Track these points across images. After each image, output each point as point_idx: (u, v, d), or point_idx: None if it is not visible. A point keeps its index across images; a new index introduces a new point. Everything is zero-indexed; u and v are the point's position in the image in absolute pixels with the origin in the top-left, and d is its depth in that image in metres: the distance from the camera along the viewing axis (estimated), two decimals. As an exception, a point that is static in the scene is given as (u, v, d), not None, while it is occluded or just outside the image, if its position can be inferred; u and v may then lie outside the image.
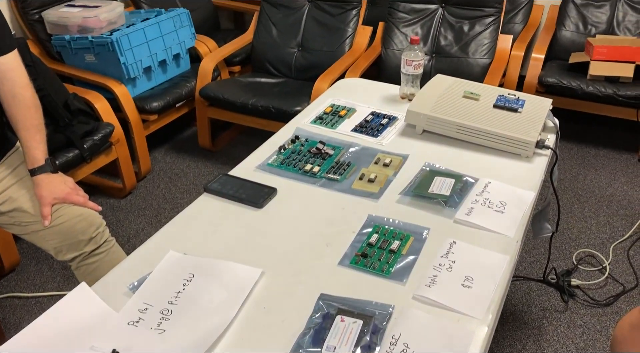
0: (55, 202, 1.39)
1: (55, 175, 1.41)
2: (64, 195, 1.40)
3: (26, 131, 1.37)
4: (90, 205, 1.45)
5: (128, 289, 0.99)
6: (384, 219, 1.16)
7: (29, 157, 1.38)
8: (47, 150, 1.41)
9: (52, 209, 1.39)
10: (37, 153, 1.38)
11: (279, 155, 1.37)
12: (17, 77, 1.35)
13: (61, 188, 1.40)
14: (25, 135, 1.37)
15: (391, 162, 1.35)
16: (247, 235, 1.12)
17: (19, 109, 1.35)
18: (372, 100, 1.67)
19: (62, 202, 1.40)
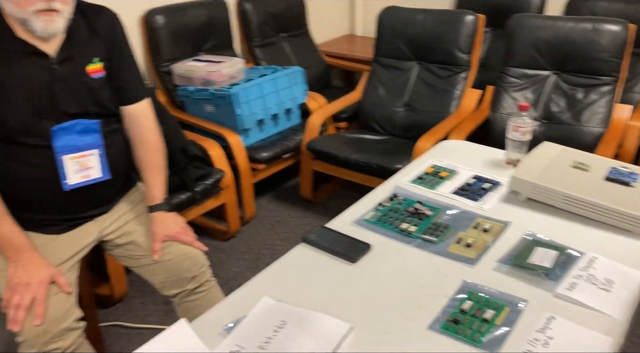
0: (166, 239, 1.50)
1: (170, 214, 1.52)
2: (174, 233, 1.51)
3: (149, 171, 1.50)
4: (197, 245, 1.54)
5: (223, 329, 1.04)
6: (478, 286, 1.14)
7: (149, 194, 1.51)
8: (165, 191, 1.53)
9: (162, 245, 1.50)
10: (156, 192, 1.50)
11: (376, 212, 1.40)
12: (146, 122, 1.50)
13: (172, 227, 1.50)
14: (148, 175, 1.50)
15: (491, 228, 1.32)
16: (339, 289, 1.15)
17: (145, 151, 1.50)
18: (475, 163, 1.66)
19: (171, 240, 1.50)
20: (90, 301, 1.76)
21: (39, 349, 1.28)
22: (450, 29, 2.75)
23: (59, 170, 1.34)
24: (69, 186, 1.36)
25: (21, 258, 1.30)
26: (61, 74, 1.32)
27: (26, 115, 1.28)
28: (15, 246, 1.30)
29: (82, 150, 1.36)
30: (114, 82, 1.45)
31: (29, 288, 1.27)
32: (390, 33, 2.89)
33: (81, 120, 1.35)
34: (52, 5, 1.24)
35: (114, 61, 1.44)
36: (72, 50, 1.34)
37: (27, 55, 1.27)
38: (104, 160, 1.40)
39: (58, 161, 1.33)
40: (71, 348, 1.32)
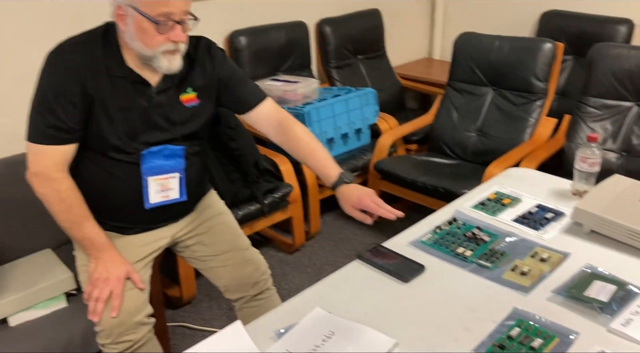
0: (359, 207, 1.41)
1: (353, 185, 1.46)
2: (357, 200, 1.41)
3: (310, 156, 1.52)
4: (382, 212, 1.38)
5: (275, 334, 1.10)
6: (529, 314, 1.14)
7: (324, 176, 1.49)
8: (337, 166, 1.50)
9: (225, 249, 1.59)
10: (330, 171, 1.48)
11: (434, 235, 1.42)
12: (280, 114, 1.56)
13: (355, 195, 1.42)
14: (311, 160, 1.52)
15: (549, 258, 1.31)
16: (388, 306, 1.18)
17: (295, 140, 1.53)
18: (540, 192, 1.65)
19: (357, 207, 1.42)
20: (159, 300, 1.88)
21: (114, 339, 1.39)
22: (527, 56, 2.73)
23: (143, 189, 1.44)
24: (150, 205, 1.46)
25: (101, 256, 1.43)
26: (157, 101, 1.42)
27: (122, 135, 1.39)
28: (97, 245, 1.42)
29: (165, 173, 1.46)
30: (231, 97, 1.53)
31: (107, 283, 1.39)
32: (466, 58, 2.90)
33: (169, 145, 1.45)
34: (178, 47, 1.35)
35: (224, 83, 1.52)
36: (170, 81, 1.43)
37: (132, 83, 1.39)
38: (183, 183, 1.49)
39: (143, 181, 1.44)
40: (141, 341, 1.43)
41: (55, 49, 1.35)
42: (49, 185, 1.36)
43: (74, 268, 1.57)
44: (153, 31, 1.30)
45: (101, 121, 1.37)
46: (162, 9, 1.28)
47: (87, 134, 1.39)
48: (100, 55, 1.35)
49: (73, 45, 1.36)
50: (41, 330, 1.59)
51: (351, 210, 1.43)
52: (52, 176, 1.36)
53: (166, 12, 1.29)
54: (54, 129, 1.33)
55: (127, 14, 1.31)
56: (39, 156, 1.35)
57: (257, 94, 1.57)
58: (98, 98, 1.35)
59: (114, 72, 1.37)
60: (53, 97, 1.32)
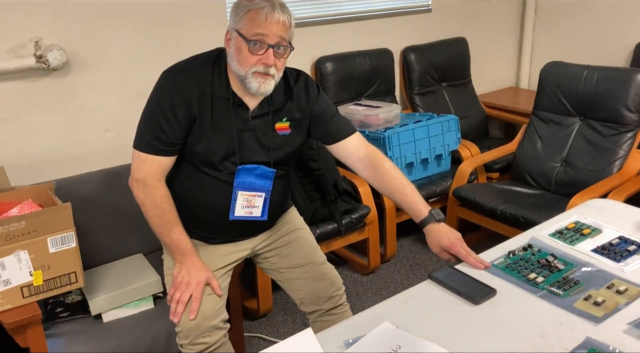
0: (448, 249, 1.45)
1: (443, 225, 1.50)
2: (448, 244, 1.45)
3: (398, 191, 1.56)
4: (471, 261, 1.40)
5: (343, 343, 1.15)
6: (603, 345, 1.11)
7: (414, 212, 1.53)
8: (426, 203, 1.55)
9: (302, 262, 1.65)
10: (419, 207, 1.52)
11: (506, 259, 1.42)
12: (366, 148, 1.63)
13: (446, 238, 1.46)
14: (399, 195, 1.56)
15: (626, 290, 1.28)
16: (457, 326, 1.19)
17: (382, 174, 1.58)
18: (623, 224, 1.60)
19: (447, 250, 1.46)
20: (238, 310, 1.98)
21: (191, 340, 1.49)
22: (618, 87, 2.64)
23: (231, 202, 1.55)
24: (234, 217, 1.56)
25: (186, 261, 1.54)
26: (252, 125, 1.53)
27: (217, 153, 1.50)
28: (182, 250, 1.54)
29: (254, 190, 1.56)
30: (321, 129, 1.63)
31: (189, 287, 1.50)
32: (553, 87, 2.85)
33: (262, 166, 1.55)
34: (269, 71, 1.44)
35: (317, 116, 1.61)
36: (267, 107, 1.54)
37: (233, 105, 1.50)
38: (266, 204, 1.59)
39: (233, 193, 1.54)
40: (216, 345, 1.52)
41: (170, 69, 1.50)
42: (147, 192, 1.49)
43: (161, 272, 1.70)
44: (247, 51, 1.41)
45: (199, 139, 1.49)
46: (257, 30, 1.40)
47: (185, 149, 1.51)
48: (208, 77, 1.48)
49: (185, 66, 1.50)
50: (130, 328, 1.73)
51: (440, 251, 1.48)
52: (151, 183, 1.49)
53: (261, 34, 1.40)
54: (157, 141, 1.47)
55: (232, 37, 1.45)
56: (141, 164, 1.49)
57: (346, 128, 1.65)
58: (200, 117, 1.47)
59: (218, 93, 1.49)
60: (160, 112, 1.46)
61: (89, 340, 1.67)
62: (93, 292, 1.74)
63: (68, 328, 1.71)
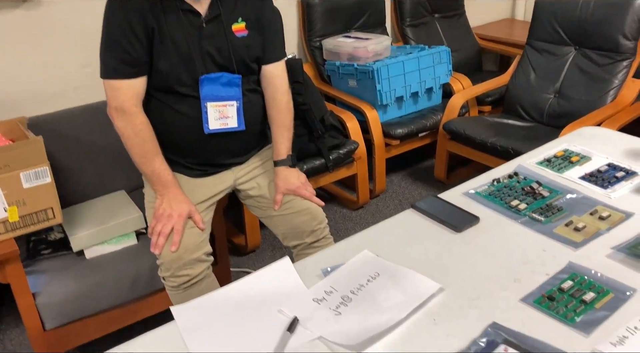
0: (287, 193, 1.62)
1: (293, 169, 1.65)
2: (294, 188, 1.63)
3: (277, 128, 1.65)
4: (315, 200, 1.65)
5: (321, 272, 1.13)
6: (585, 269, 1.09)
7: (276, 150, 1.65)
8: (290, 147, 1.66)
9: (283, 199, 1.63)
10: (282, 148, 1.65)
11: (490, 187, 1.39)
12: (280, 83, 1.64)
13: (293, 181, 1.63)
14: (276, 132, 1.65)
15: (609, 216, 1.25)
16: (438, 254, 1.17)
17: (276, 110, 1.64)
18: (613, 151, 1.56)
19: (292, 193, 1.63)
20: (223, 245, 1.97)
21: (173, 273, 1.48)
22: (615, 14, 2.54)
23: (203, 116, 1.53)
24: (209, 130, 1.54)
25: (167, 193, 1.51)
26: (209, 32, 1.50)
27: (177, 64, 1.48)
28: (164, 182, 1.51)
29: (223, 100, 1.53)
30: (257, 41, 1.60)
31: (170, 219, 1.48)
32: (548, 16, 2.75)
33: (225, 73, 1.53)
34: None
35: (258, 22, 1.58)
36: (218, 9, 1.51)
37: (184, 12, 1.47)
38: (240, 113, 1.56)
39: (202, 107, 1.52)
40: (199, 277, 1.51)
41: None
42: (126, 119, 1.47)
43: (143, 208, 1.67)
44: None
45: (160, 54, 1.46)
46: None
47: (152, 72, 1.48)
48: None
49: None
50: (113, 264, 1.72)
51: (282, 190, 1.63)
52: (129, 110, 1.47)
53: None
54: (123, 64, 1.45)
55: None
56: (115, 91, 1.47)
57: (278, 52, 1.65)
58: (157, 30, 1.45)
59: (167, 3, 1.46)
60: (118, 33, 1.43)
61: (72, 276, 1.66)
62: (74, 228, 1.72)
63: (50, 265, 1.70)
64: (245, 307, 1.04)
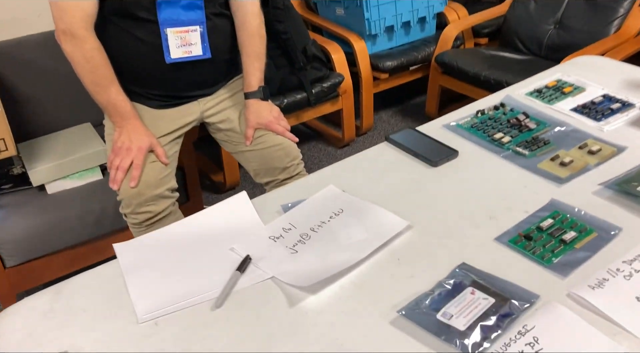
0: (259, 127, 1.52)
1: (265, 102, 1.53)
2: (266, 122, 1.51)
3: (247, 57, 1.51)
4: (289, 135, 1.54)
5: (281, 208, 1.04)
6: (568, 207, 1.00)
7: (246, 81, 1.52)
8: (262, 79, 1.54)
9: (255, 134, 1.52)
10: (253, 79, 1.51)
11: (473, 119, 1.28)
12: (250, 6, 1.49)
13: (265, 115, 1.51)
14: (246, 61, 1.51)
15: (599, 150, 1.15)
16: (410, 189, 1.08)
17: (246, 36, 1.50)
18: (609, 82, 1.44)
19: (264, 128, 1.52)
20: (195, 182, 1.87)
21: (133, 209, 1.39)
22: None
23: (163, 44, 1.39)
24: (171, 59, 1.41)
25: (125, 124, 1.40)
26: None
27: None
28: (121, 112, 1.40)
29: (185, 25, 1.39)
30: None
31: (129, 153, 1.37)
32: (552, -62, 2.55)
33: None
34: None
35: None
36: None
37: None
38: (205, 39, 1.43)
39: (162, 34, 1.38)
40: (162, 214, 1.42)
41: None
42: (75, 44, 1.34)
43: (107, 141, 1.57)
44: None
45: None
46: None
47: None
48: None
49: None
50: (76, 199, 1.63)
51: (253, 124, 1.51)
52: (78, 33, 1.33)
53: None
54: None
55: None
56: (62, 12, 1.32)
57: None
58: None
59: None
60: None
61: (33, 212, 1.58)
62: (34, 162, 1.62)
63: (10, 201, 1.61)
64: (195, 244, 0.96)
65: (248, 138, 1.52)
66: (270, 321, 0.81)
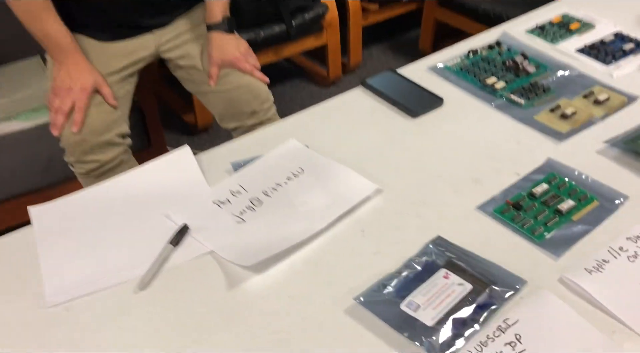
0: (224, 65, 1.34)
1: (230, 36, 1.34)
2: (231, 59, 1.33)
3: None
4: (257, 75, 1.37)
5: (231, 166, 0.88)
6: (567, 169, 0.85)
7: (208, 11, 1.33)
8: (228, 9, 1.34)
9: (221, 73, 1.35)
10: (216, 8, 1.32)
11: (464, 60, 1.10)
12: None
13: (231, 51, 1.33)
14: None
15: (608, 100, 0.99)
16: (384, 144, 0.92)
17: None
18: (625, 18, 1.25)
19: (229, 66, 1.34)
20: (156, 125, 1.70)
21: (77, 158, 1.24)
22: None
23: None
24: None
25: (65, 60, 1.22)
26: None
27: None
28: (60, 45, 1.21)
29: None
30: None
31: (70, 93, 1.20)
32: None
33: None
34: None
35: None
36: None
37: None
38: None
39: None
40: (112, 163, 1.27)
41: None
42: None
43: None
44: None
45: None
46: None
47: None
48: None
49: None
50: (22, 143, 1.47)
51: (217, 61, 1.34)
52: None
53: None
54: None
55: None
56: None
57: None
58: None
59: None
60: None
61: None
62: (-27, 101, 1.46)
63: (-52, 145, 1.46)
64: (123, 209, 0.81)
65: (211, 77, 1.35)
66: (203, 307, 0.68)
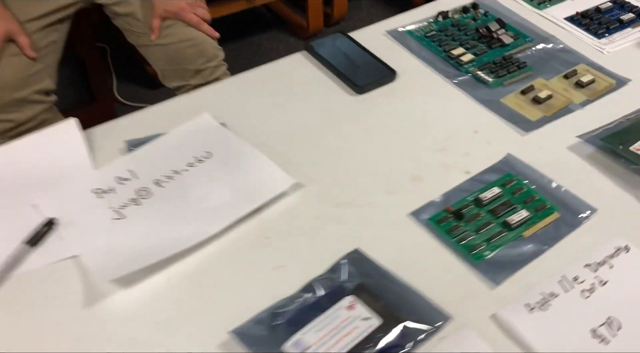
0: (167, 15, 1.17)
1: None
2: (176, 9, 1.17)
3: None
4: (205, 28, 1.20)
5: (126, 145, 0.74)
6: (528, 169, 0.70)
7: None
8: None
9: (163, 24, 1.18)
10: None
11: (431, 24, 0.93)
12: None
13: (174, 1, 1.16)
14: None
15: (592, 82, 0.82)
16: (320, 128, 0.77)
17: None
18: (626, -19, 1.07)
19: (174, 17, 1.18)
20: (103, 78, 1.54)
21: (-14, 116, 1.10)
22: None
23: None
24: None
25: (-27, 4, 1.06)
26: None
27: None
28: None
29: None
30: None
31: (-23, 42, 1.05)
32: None
33: None
34: None
35: None
36: None
37: None
38: None
39: None
40: (30, 123, 1.12)
41: None
42: None
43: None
44: None
45: None
46: None
47: None
48: None
49: None
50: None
51: (159, 11, 1.18)
52: None
53: None
54: None
55: None
56: None
57: None
58: None
59: None
60: None
61: None
62: None
63: None
64: (-16, 196, 0.68)
65: (153, 30, 1.18)
66: (49, 328, 0.55)
